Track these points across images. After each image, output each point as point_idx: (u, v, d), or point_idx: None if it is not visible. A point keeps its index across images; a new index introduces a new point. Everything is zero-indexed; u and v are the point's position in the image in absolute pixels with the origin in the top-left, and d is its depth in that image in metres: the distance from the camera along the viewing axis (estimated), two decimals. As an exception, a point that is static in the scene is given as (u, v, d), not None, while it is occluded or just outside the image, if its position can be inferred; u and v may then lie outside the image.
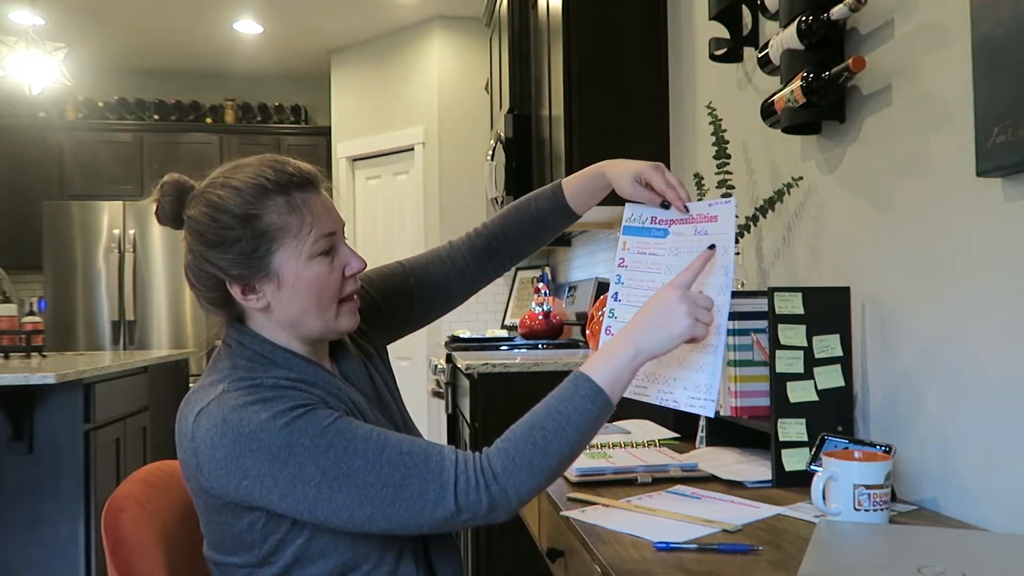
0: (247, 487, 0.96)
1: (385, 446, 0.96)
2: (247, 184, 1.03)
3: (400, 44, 5.18)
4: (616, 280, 1.23)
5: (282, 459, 0.94)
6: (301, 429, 0.95)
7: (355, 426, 0.97)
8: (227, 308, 1.08)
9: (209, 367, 1.08)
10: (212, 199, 1.03)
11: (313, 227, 1.04)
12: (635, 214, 1.25)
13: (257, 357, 1.06)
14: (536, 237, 1.38)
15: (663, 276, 1.17)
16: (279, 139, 5.94)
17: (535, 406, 1.01)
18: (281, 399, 0.98)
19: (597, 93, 2.60)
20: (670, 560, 1.02)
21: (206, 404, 0.99)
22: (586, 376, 1.00)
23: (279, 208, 1.03)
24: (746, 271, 1.98)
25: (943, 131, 1.27)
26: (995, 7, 1.09)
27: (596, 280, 3.46)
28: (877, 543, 0.98)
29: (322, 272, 1.05)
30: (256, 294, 1.04)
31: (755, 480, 1.40)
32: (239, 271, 1.03)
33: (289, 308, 1.05)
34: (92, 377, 2.85)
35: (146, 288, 5.27)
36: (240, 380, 1.01)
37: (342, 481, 0.94)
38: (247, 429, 0.95)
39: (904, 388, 1.37)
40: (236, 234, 1.02)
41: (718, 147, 1.89)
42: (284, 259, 1.03)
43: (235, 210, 1.02)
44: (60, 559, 2.77)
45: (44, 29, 4.68)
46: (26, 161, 5.63)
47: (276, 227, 1.02)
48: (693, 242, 1.16)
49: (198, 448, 0.98)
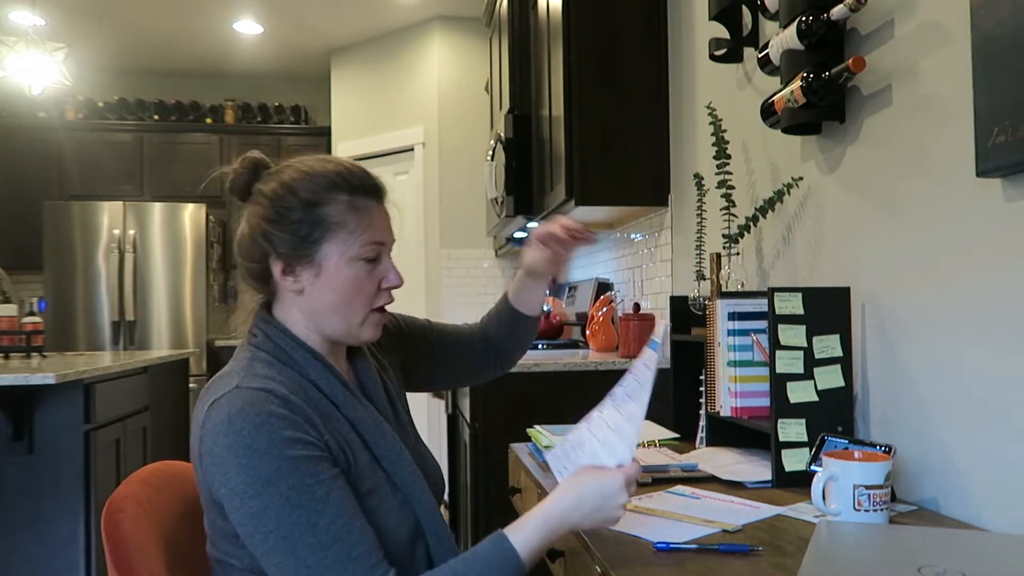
0: (223, 494, 0.98)
1: (340, 539, 0.96)
2: (320, 174, 1.09)
3: (400, 44, 5.18)
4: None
5: (255, 490, 0.95)
6: (286, 473, 0.95)
7: (332, 500, 0.97)
8: (263, 284, 1.12)
9: (233, 356, 1.11)
10: (285, 179, 1.09)
11: (365, 231, 1.09)
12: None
13: (278, 352, 1.08)
14: (514, 341, 1.44)
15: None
16: (279, 139, 5.94)
17: (457, 561, 0.98)
18: (289, 423, 0.98)
19: (597, 93, 2.61)
20: (670, 560, 1.02)
21: (219, 396, 1.01)
22: (512, 550, 0.98)
23: (341, 204, 1.08)
24: (746, 271, 1.98)
25: (943, 131, 1.27)
26: (995, 7, 1.09)
27: (596, 280, 3.46)
28: (877, 543, 0.98)
29: (360, 276, 1.09)
30: (294, 276, 1.08)
31: (755, 480, 1.40)
32: (286, 250, 1.07)
33: (319, 300, 1.09)
34: (92, 377, 2.85)
35: (146, 288, 5.27)
36: (254, 377, 1.02)
37: (287, 546, 0.95)
38: (245, 440, 0.96)
39: (904, 388, 1.37)
40: (296, 215, 1.06)
41: (718, 147, 1.89)
42: (330, 252, 1.07)
43: (301, 193, 1.07)
44: (60, 559, 2.77)
45: (44, 29, 4.69)
46: (26, 161, 5.63)
47: (333, 220, 1.07)
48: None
49: (204, 437, 1.00)
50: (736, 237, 1.84)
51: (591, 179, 2.60)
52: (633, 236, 3.07)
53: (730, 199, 1.88)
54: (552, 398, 2.46)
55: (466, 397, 2.66)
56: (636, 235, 3.04)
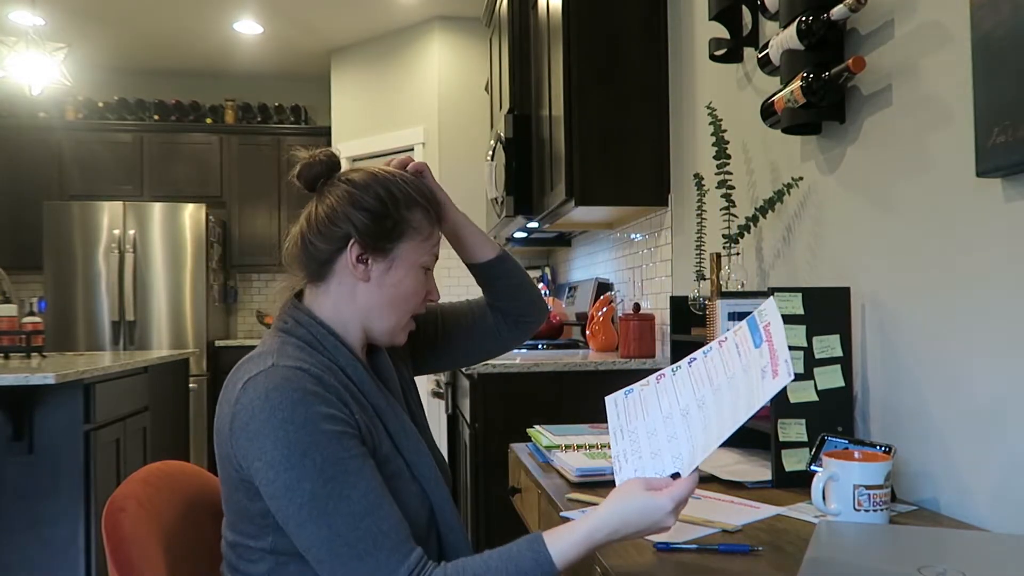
0: (257, 468, 0.99)
1: (371, 513, 0.98)
2: (406, 181, 1.18)
3: (400, 44, 5.18)
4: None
5: (292, 462, 0.97)
6: (321, 445, 0.98)
7: (365, 475, 1.00)
8: (320, 267, 1.14)
9: (261, 342, 1.14)
10: (379, 176, 1.16)
11: (434, 244, 1.19)
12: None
13: (308, 338, 1.11)
14: (500, 292, 1.37)
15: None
16: (279, 139, 5.94)
17: (491, 556, 0.98)
18: (323, 400, 1.01)
19: (597, 93, 2.61)
20: (670, 560, 1.02)
21: (255, 374, 1.02)
22: (549, 559, 0.97)
23: (422, 212, 1.17)
24: (746, 271, 1.98)
25: (943, 131, 1.27)
26: (995, 7, 1.09)
27: (596, 280, 3.46)
28: (877, 543, 0.98)
29: (419, 281, 1.17)
30: (366, 265, 1.13)
31: (755, 480, 1.40)
32: (369, 237, 1.12)
33: (381, 295, 1.14)
34: (92, 377, 2.85)
35: (146, 288, 5.27)
36: (288, 357, 1.05)
37: (321, 516, 0.96)
38: (282, 413, 0.98)
39: (904, 388, 1.37)
40: (385, 209, 1.13)
41: (718, 147, 1.89)
42: (406, 251, 1.15)
43: (395, 192, 1.15)
44: (60, 560, 2.77)
45: (44, 29, 4.68)
46: (26, 161, 5.63)
47: (414, 224, 1.15)
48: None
49: (236, 413, 1.01)
50: (736, 237, 1.84)
51: (591, 179, 2.60)
52: (633, 236, 3.07)
53: (730, 199, 1.88)
54: (552, 398, 2.46)
55: (466, 397, 2.66)
56: (636, 235, 3.04)
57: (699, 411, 0.99)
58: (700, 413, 0.99)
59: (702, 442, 0.97)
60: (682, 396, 1.03)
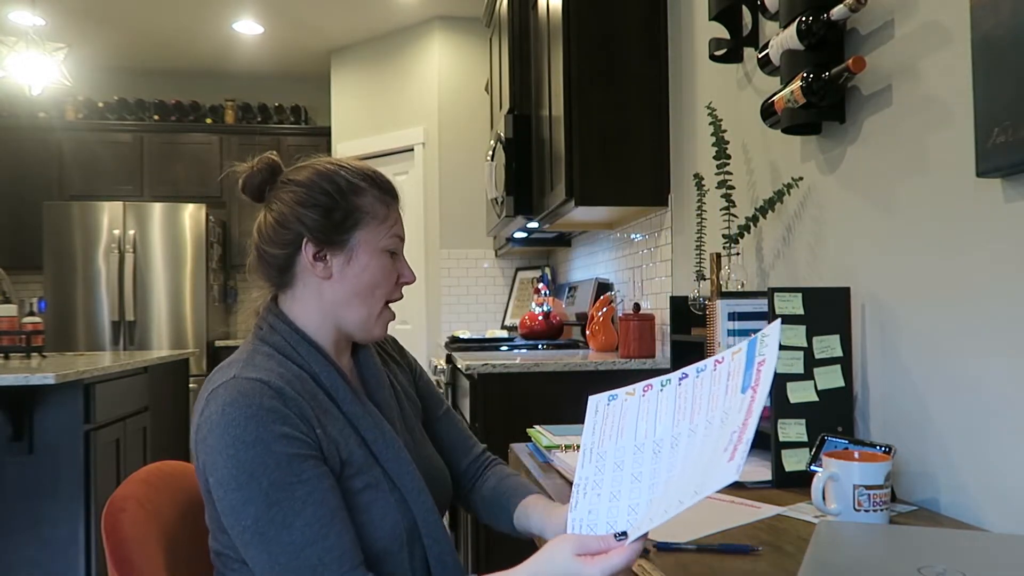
0: (212, 484, 0.99)
1: (314, 543, 0.96)
2: (354, 169, 1.16)
3: (400, 44, 5.18)
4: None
5: (239, 482, 0.97)
6: (269, 468, 0.96)
7: (313, 500, 0.98)
8: (281, 274, 1.13)
9: (240, 348, 1.13)
10: (321, 170, 1.14)
11: (392, 225, 1.16)
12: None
13: (281, 345, 1.10)
14: (486, 513, 1.30)
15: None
16: (279, 139, 5.94)
17: None
18: (280, 417, 0.99)
19: (597, 93, 2.61)
20: (670, 560, 1.02)
21: (217, 386, 1.02)
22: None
23: (374, 196, 1.14)
24: (746, 271, 1.98)
25: (943, 131, 1.27)
26: (995, 7, 1.09)
27: (596, 280, 3.46)
28: (877, 543, 0.98)
29: (385, 266, 1.14)
30: (324, 262, 1.12)
31: (755, 480, 1.40)
32: (321, 233, 1.11)
33: (345, 288, 1.12)
34: (92, 377, 2.85)
35: (146, 288, 5.27)
36: (253, 368, 1.04)
37: (262, 542, 0.96)
38: (235, 431, 0.97)
39: (904, 388, 1.37)
40: (332, 202, 1.11)
41: (718, 147, 1.89)
42: (363, 239, 1.13)
43: (340, 183, 1.13)
44: (60, 559, 2.77)
45: (44, 29, 4.69)
46: (26, 161, 5.63)
47: (366, 210, 1.13)
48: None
49: (199, 425, 1.01)
50: (736, 237, 1.84)
51: (591, 179, 2.60)
52: (633, 236, 3.07)
53: (730, 199, 1.88)
54: (552, 398, 2.46)
55: (466, 397, 2.66)
56: (636, 235, 3.04)
57: (670, 452, 0.88)
58: (670, 456, 0.88)
59: (660, 506, 0.83)
60: (661, 423, 0.91)
